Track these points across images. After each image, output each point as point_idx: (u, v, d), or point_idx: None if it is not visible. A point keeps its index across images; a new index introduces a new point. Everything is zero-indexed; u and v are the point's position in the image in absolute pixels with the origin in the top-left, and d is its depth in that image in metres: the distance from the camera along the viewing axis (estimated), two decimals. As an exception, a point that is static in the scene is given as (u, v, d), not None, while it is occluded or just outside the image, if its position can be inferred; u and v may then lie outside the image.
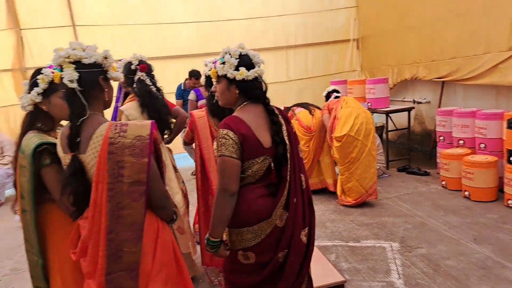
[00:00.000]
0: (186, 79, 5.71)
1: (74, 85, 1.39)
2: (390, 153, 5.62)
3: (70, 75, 1.38)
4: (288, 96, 6.71)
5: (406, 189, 4.60)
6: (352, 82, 6.22)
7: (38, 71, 1.74)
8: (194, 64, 5.70)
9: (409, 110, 5.59)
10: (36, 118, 1.73)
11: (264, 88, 1.71)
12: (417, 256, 3.01)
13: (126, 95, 3.03)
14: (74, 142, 1.38)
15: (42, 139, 1.64)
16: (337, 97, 4.52)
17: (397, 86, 6.48)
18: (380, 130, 5.83)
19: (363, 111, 4.23)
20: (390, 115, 5.60)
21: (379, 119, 6.16)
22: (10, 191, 5.78)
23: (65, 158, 1.44)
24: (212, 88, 1.82)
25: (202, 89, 4.93)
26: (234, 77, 1.63)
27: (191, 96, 4.98)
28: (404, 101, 6.36)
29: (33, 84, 1.70)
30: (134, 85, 2.51)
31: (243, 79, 1.63)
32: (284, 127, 1.71)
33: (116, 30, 6.31)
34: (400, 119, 5.93)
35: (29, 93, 1.72)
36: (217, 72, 1.68)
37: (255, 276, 1.69)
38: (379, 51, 6.88)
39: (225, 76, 1.65)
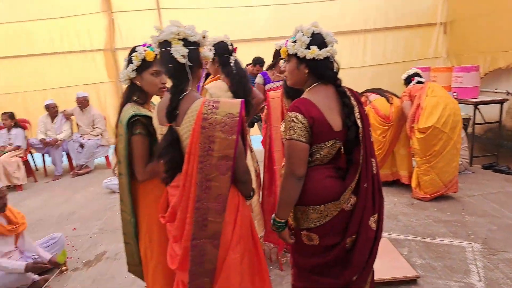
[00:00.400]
0: (248, 65, 5.75)
1: (184, 60, 1.46)
2: (475, 149, 5.15)
3: (181, 51, 1.46)
4: (362, 82, 6.41)
5: (491, 188, 4.20)
6: (437, 69, 5.76)
7: (131, 50, 1.87)
8: (268, 48, 5.70)
9: (501, 102, 5.04)
10: (133, 92, 1.89)
11: (335, 68, 1.64)
12: (503, 260, 2.76)
13: (207, 75, 3.15)
14: (173, 115, 1.47)
15: (136, 111, 1.78)
16: (419, 82, 4.21)
17: (489, 75, 5.85)
18: (465, 122, 5.35)
19: (451, 101, 3.90)
20: (479, 107, 5.11)
21: (465, 110, 5.63)
22: (98, 160, 6.41)
23: (162, 129, 1.54)
24: (282, 68, 1.80)
25: (269, 73, 4.94)
26: (305, 56, 1.59)
27: (259, 79, 4.98)
28: (496, 92, 5.73)
29: (129, 61, 1.84)
30: (232, 65, 2.53)
31: (314, 58, 1.58)
32: (356, 109, 1.64)
33: (196, 13, 6.55)
34: (489, 112, 5.38)
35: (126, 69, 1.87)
36: (287, 51, 1.65)
37: (319, 258, 1.68)
38: (469, 36, 6.25)
39: (295, 54, 1.61)
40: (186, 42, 1.49)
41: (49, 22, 6.41)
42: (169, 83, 1.93)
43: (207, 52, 1.57)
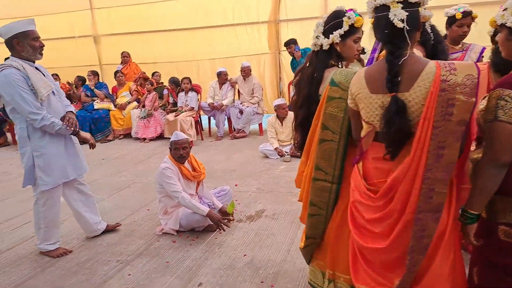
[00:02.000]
0: None
1: (402, 24, 1.38)
2: None
3: (400, 15, 1.37)
4: None
5: None
6: None
7: (336, 14, 1.83)
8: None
9: None
10: (330, 56, 1.87)
11: None
12: None
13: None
14: (396, 82, 1.39)
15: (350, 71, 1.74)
16: None
17: None
18: None
19: None
20: None
21: None
22: (253, 127, 6.90)
23: (382, 98, 1.44)
24: (496, 38, 1.55)
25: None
26: None
27: None
28: None
29: (336, 25, 1.81)
30: (430, 31, 2.32)
31: None
32: None
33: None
34: None
35: (323, 32, 1.85)
36: (496, 21, 1.48)
37: None
38: None
39: (505, 25, 1.42)
40: (405, 4, 1.39)
41: (224, -4, 7.05)
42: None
43: (426, 11, 1.43)
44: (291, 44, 6.11)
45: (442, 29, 3.17)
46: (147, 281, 2.53)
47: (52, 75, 7.01)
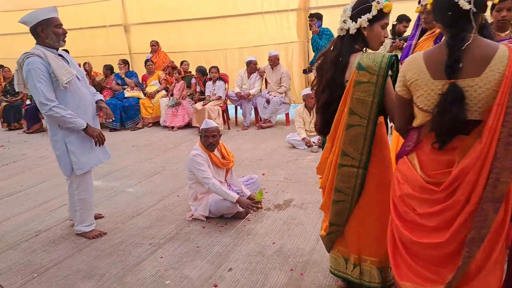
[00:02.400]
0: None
1: (469, 6, 1.31)
2: None
3: None
4: None
5: None
6: None
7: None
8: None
9: None
10: (355, 41, 1.82)
11: None
12: None
13: (422, 33, 2.86)
14: (456, 68, 1.32)
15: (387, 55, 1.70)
16: None
17: None
18: None
19: None
20: None
21: None
22: (279, 117, 6.87)
23: (439, 84, 1.38)
24: None
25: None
26: None
27: None
28: None
29: (365, 9, 1.76)
30: None
31: None
32: None
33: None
34: None
35: (350, 16, 1.80)
36: None
37: None
38: None
39: None
40: None
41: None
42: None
43: None
44: (314, 17, 5.99)
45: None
46: (179, 264, 2.59)
47: (84, 63, 7.30)
